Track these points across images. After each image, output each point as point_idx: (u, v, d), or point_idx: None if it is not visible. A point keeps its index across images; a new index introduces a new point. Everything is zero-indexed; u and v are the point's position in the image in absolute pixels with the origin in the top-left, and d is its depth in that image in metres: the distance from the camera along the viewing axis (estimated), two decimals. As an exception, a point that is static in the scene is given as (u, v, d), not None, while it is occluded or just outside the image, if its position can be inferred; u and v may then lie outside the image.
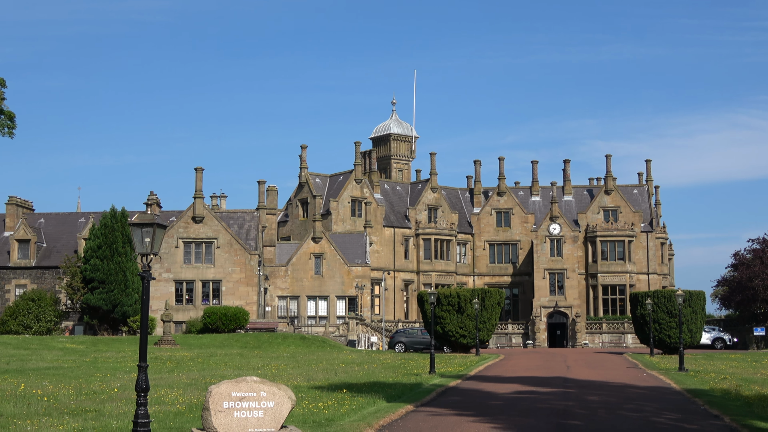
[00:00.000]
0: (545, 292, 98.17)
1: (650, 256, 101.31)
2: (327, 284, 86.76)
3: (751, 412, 26.06)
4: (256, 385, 17.25)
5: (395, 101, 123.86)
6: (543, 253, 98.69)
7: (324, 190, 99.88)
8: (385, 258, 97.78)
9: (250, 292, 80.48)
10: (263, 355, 53.81)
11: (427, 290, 69.32)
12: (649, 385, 36.46)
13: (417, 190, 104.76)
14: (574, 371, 44.72)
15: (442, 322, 64.94)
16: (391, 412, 24.96)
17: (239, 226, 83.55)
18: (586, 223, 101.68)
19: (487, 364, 50.49)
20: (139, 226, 17.46)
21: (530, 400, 29.71)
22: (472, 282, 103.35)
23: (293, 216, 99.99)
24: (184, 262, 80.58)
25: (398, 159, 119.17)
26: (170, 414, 23.70)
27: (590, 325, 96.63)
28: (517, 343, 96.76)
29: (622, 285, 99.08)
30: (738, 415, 25.39)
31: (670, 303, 64.14)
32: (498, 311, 67.93)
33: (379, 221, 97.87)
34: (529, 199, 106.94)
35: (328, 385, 32.58)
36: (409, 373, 40.31)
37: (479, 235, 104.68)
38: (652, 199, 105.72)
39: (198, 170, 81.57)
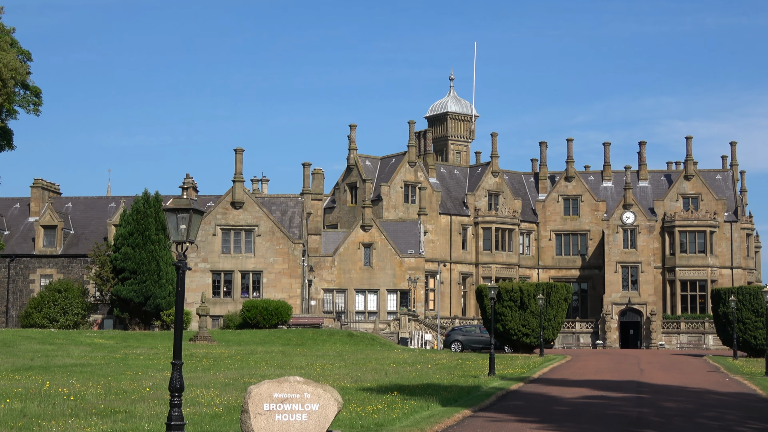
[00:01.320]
0: (617, 287, 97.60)
1: (734, 249, 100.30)
2: (377, 276, 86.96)
3: None
4: (300, 386, 17.35)
5: (453, 77, 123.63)
6: (615, 245, 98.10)
7: (374, 173, 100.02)
8: (441, 248, 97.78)
9: (293, 284, 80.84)
10: (307, 353, 54.05)
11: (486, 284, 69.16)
12: (732, 391, 36.15)
13: (476, 174, 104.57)
14: (648, 375, 44.47)
15: (502, 320, 64.86)
16: (447, 417, 24.97)
17: (282, 212, 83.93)
18: (663, 211, 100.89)
19: (552, 365, 50.35)
20: (174, 211, 17.58)
21: (599, 406, 29.59)
22: (536, 275, 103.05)
23: (341, 202, 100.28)
24: (222, 251, 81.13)
25: (456, 140, 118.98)
26: (206, 416, 23.89)
27: (667, 325, 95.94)
28: (585, 343, 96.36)
29: (702, 280, 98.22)
30: (831, 425, 25.10)
31: (756, 300, 63.55)
32: (564, 308, 67.68)
33: (434, 208, 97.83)
34: (600, 185, 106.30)
35: (378, 387, 32.68)
36: (466, 374, 40.33)
37: (544, 224, 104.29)
38: (737, 185, 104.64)
39: (238, 151, 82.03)
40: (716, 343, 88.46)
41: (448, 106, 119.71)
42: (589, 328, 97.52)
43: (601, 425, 24.66)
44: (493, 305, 44.78)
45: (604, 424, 24.97)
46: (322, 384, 17.75)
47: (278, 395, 17.22)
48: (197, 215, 17.66)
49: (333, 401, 17.43)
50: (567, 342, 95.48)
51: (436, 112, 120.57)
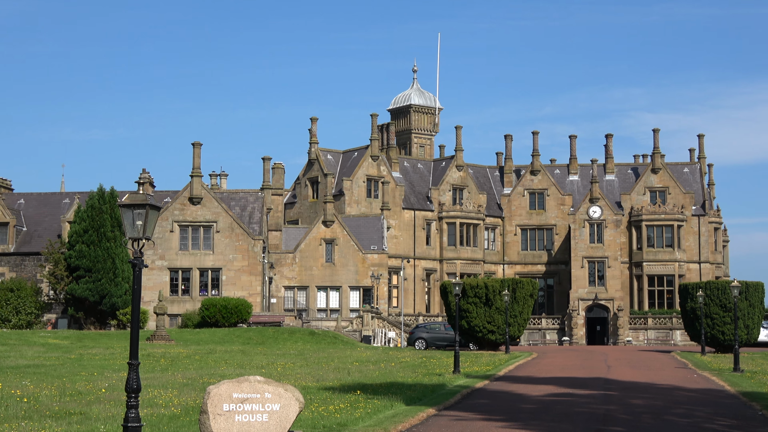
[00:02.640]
0: (584, 282, 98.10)
1: (702, 243, 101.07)
2: (339, 273, 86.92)
3: (815, 418, 25.99)
4: (260, 386, 17.30)
5: (416, 69, 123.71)
6: (581, 239, 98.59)
7: (336, 168, 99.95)
8: (405, 244, 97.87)
9: (253, 281, 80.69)
10: (268, 352, 53.97)
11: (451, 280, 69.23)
12: (700, 387, 36.42)
13: (440, 168, 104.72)
14: (615, 371, 44.72)
15: (467, 316, 64.98)
16: (411, 417, 25.00)
17: (241, 208, 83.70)
18: (631, 205, 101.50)
19: (518, 363, 50.54)
20: (129, 207, 17.49)
21: (566, 403, 29.71)
22: (501, 271, 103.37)
23: (302, 197, 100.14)
24: (179, 248, 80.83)
25: (420, 133, 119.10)
26: (164, 417, 23.80)
27: (634, 320, 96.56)
28: (551, 339, 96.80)
29: (670, 275, 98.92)
30: (800, 421, 25.34)
31: (724, 295, 64.02)
32: (530, 304, 67.90)
33: (397, 203, 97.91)
34: (567, 179, 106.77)
35: (341, 386, 32.67)
36: (430, 372, 40.39)
37: (510, 218, 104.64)
38: (704, 178, 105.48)
39: (196, 146, 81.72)
40: (684, 338, 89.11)
41: (411, 98, 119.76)
42: (556, 325, 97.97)
43: (569, 423, 24.76)
44: (457, 302, 44.84)
45: (572, 422, 25.07)
46: (283, 383, 17.71)
47: (238, 395, 17.17)
48: (154, 211, 17.58)
49: (294, 401, 17.40)
50: (533, 339, 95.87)
51: (399, 105, 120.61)
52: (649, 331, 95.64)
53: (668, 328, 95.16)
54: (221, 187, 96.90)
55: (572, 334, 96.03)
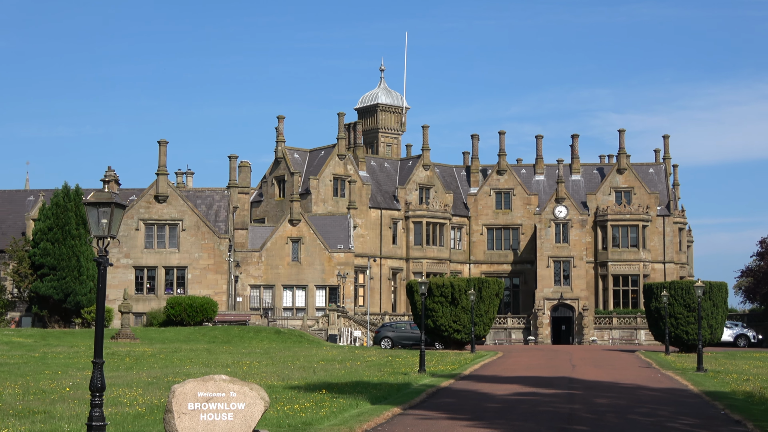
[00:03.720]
0: (549, 282, 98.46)
1: (667, 243, 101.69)
2: (305, 272, 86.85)
3: (776, 417, 26.22)
4: (225, 385, 17.28)
5: (384, 68, 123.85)
6: (547, 239, 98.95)
7: (303, 166, 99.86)
8: (371, 243, 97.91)
9: (219, 280, 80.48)
10: (233, 350, 53.89)
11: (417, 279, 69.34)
12: (664, 386, 36.66)
13: (407, 167, 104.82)
14: (580, 371, 44.94)
15: (433, 315, 65.09)
16: (376, 416, 25.04)
17: (207, 206, 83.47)
18: (596, 205, 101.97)
19: (484, 362, 50.68)
20: (94, 205, 17.42)
21: (531, 402, 29.84)
22: (467, 270, 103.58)
23: (268, 195, 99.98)
24: (145, 246, 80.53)
25: (386, 132, 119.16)
26: (129, 416, 23.73)
27: (599, 320, 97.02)
28: (517, 338, 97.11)
29: (635, 275, 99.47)
30: (762, 420, 25.54)
31: (688, 295, 64.42)
32: (496, 303, 68.11)
33: (364, 202, 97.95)
34: (533, 179, 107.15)
35: (306, 385, 32.66)
36: (396, 371, 40.44)
37: (476, 218, 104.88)
38: (669, 179, 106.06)
39: (161, 143, 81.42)
40: (648, 338, 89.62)
41: (378, 97, 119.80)
42: (521, 324, 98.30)
43: (533, 422, 24.88)
44: (423, 301, 44.91)
45: (536, 420, 25.19)
46: (249, 382, 17.71)
47: (203, 394, 17.14)
48: (119, 209, 17.53)
49: (259, 400, 17.39)
50: (499, 338, 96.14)
51: (366, 104, 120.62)
52: (614, 331, 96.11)
53: (633, 327, 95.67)
54: (187, 186, 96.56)
55: (537, 334, 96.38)
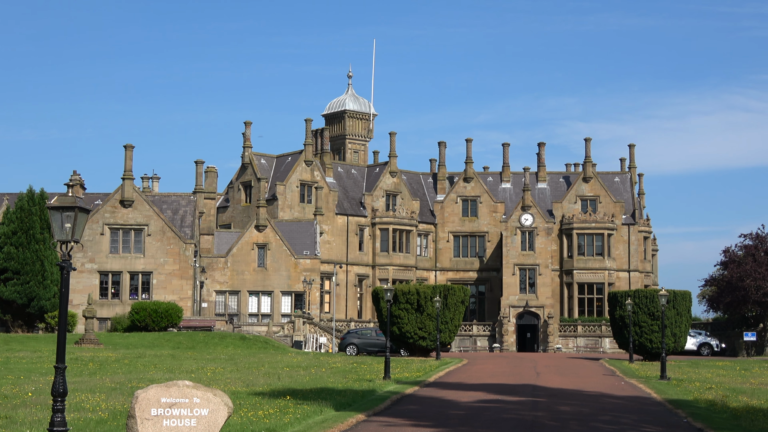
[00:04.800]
0: (515, 290, 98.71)
1: (632, 252, 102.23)
2: (271, 278, 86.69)
3: (738, 425, 26.42)
4: (189, 391, 17.24)
5: (351, 74, 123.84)
6: (513, 247, 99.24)
7: (270, 172, 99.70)
8: (337, 249, 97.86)
9: (184, 285, 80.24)
10: (198, 356, 53.72)
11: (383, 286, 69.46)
12: (627, 394, 36.84)
13: (374, 174, 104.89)
14: (544, 378, 45.08)
15: (399, 322, 65.12)
16: (340, 422, 25.05)
17: (173, 211, 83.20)
18: (562, 213, 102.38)
19: (449, 369, 50.74)
20: (58, 209, 17.36)
21: (495, 410, 29.91)
22: (433, 277, 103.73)
23: (234, 201, 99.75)
24: (110, 251, 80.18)
25: (354, 139, 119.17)
26: (91, 422, 23.61)
27: (564, 328, 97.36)
28: (482, 346, 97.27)
29: (600, 283, 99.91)
30: (724, 428, 25.74)
31: (653, 304, 64.76)
32: (462, 311, 68.24)
33: (331, 208, 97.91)
34: (499, 186, 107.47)
35: (270, 391, 32.61)
36: (361, 378, 40.43)
37: (443, 225, 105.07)
38: (635, 188, 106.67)
39: (127, 148, 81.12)
40: (613, 346, 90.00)
41: (346, 104, 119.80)
42: (487, 331, 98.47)
43: (497, 429, 24.94)
44: (389, 308, 44.95)
45: (500, 428, 25.25)
46: (213, 388, 17.67)
47: (166, 400, 17.09)
48: (83, 213, 17.47)
49: (223, 406, 17.36)
50: (464, 345, 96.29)
51: (333, 110, 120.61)
52: (579, 339, 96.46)
53: (597, 335, 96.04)
54: (153, 190, 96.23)
55: (503, 341, 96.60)
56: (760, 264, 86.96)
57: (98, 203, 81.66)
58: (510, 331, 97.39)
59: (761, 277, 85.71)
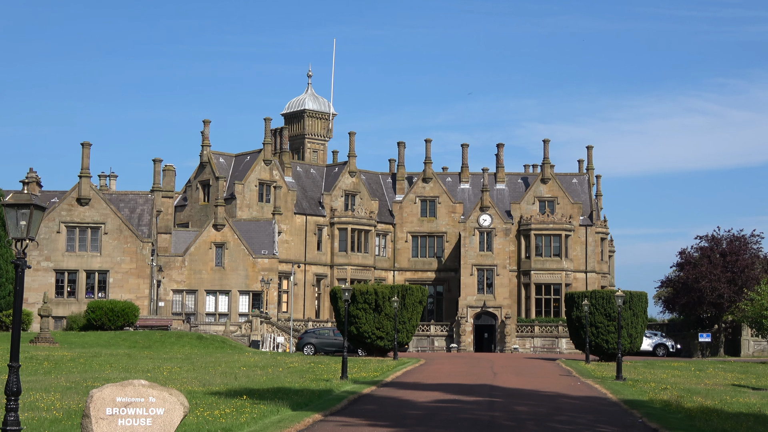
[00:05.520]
0: (472, 290, 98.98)
1: (589, 253, 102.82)
2: (229, 277, 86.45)
3: (692, 425, 26.64)
4: (145, 390, 17.16)
5: (311, 74, 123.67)
6: (471, 247, 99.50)
7: (228, 171, 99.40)
8: (296, 249, 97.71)
9: (141, 284, 79.85)
10: (154, 356, 53.50)
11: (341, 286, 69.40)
12: (584, 394, 37.03)
13: (333, 173, 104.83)
14: (501, 378, 45.23)
15: (356, 322, 65.13)
16: (296, 422, 25.02)
17: (131, 210, 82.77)
18: (520, 214, 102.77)
19: (406, 369, 50.81)
20: (13, 207, 17.22)
21: (452, 410, 29.97)
22: (391, 277, 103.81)
23: (192, 200, 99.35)
24: (66, 249, 79.64)
25: (313, 139, 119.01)
26: (45, 421, 23.44)
27: (521, 328, 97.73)
28: (439, 346, 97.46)
29: (557, 284, 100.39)
30: (678, 428, 25.95)
31: (609, 305, 65.11)
32: (419, 311, 68.33)
33: (289, 208, 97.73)
34: (458, 187, 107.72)
35: (227, 391, 32.52)
36: (318, 378, 40.42)
37: (401, 225, 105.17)
38: (592, 189, 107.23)
39: (85, 146, 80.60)
40: (570, 346, 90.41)
41: (305, 103, 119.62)
42: (444, 331, 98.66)
43: (454, 429, 24.99)
44: (347, 307, 44.96)
45: (457, 428, 25.31)
46: (169, 388, 17.59)
47: (122, 399, 17.00)
48: (38, 211, 17.34)
49: (179, 405, 17.29)
50: (422, 345, 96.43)
51: (293, 110, 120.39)
52: (536, 339, 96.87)
53: (554, 336, 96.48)
54: (110, 189, 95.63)
55: (460, 341, 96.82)
56: (716, 266, 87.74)
57: (55, 201, 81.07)
58: (467, 331, 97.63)
59: (716, 278, 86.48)
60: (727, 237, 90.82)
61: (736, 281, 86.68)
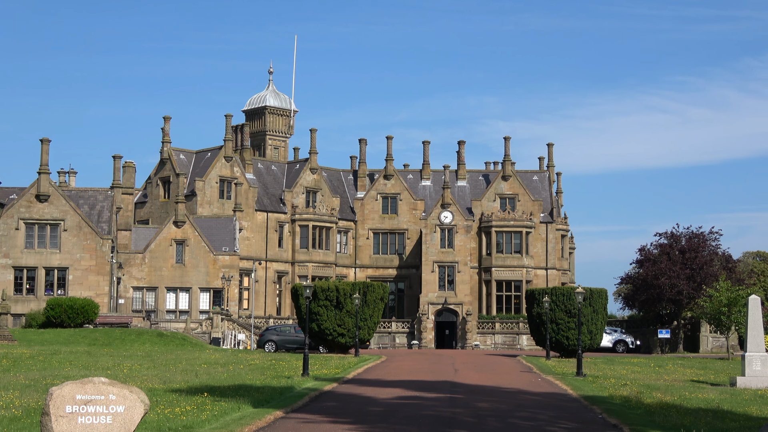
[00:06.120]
0: (434, 287, 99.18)
1: (549, 250, 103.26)
2: (190, 274, 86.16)
3: (652, 421, 26.83)
4: (105, 387, 17.08)
5: (272, 70, 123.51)
6: (432, 244, 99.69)
7: (189, 168, 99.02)
8: (257, 246, 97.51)
9: (101, 281, 79.42)
10: (114, 353, 53.27)
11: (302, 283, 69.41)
12: (544, 391, 37.21)
13: (294, 170, 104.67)
14: (462, 375, 45.36)
15: (318, 319, 65.13)
16: (257, 419, 24.99)
17: (90, 206, 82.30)
18: (481, 211, 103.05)
19: (368, 366, 50.88)
20: (-29, 203, 17.10)
21: (414, 406, 30.03)
22: (353, 274, 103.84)
23: (153, 197, 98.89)
24: (25, 246, 79.08)
25: (274, 135, 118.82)
26: (4, 419, 23.28)
27: (482, 325, 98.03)
28: (401, 343, 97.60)
29: (518, 281, 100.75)
30: (638, 424, 26.12)
31: (569, 301, 65.50)
32: (381, 307, 68.44)
33: (250, 204, 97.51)
34: (419, 184, 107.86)
35: (188, 388, 32.45)
36: (279, 375, 40.41)
37: (363, 222, 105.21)
38: (553, 186, 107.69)
39: (44, 142, 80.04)
40: (530, 343, 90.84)
41: (266, 100, 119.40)
42: (406, 328, 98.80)
43: (415, 426, 25.05)
44: (308, 304, 44.95)
45: (418, 424, 25.36)
46: (129, 385, 17.52)
47: (81, 397, 16.91)
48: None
49: (139, 403, 17.22)
50: (383, 342, 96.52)
51: (254, 106, 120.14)
52: (497, 336, 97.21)
53: (515, 332, 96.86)
54: (70, 185, 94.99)
55: (422, 338, 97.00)
56: (675, 262, 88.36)
57: (13, 197, 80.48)
58: (429, 328, 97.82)
59: (675, 275, 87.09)
60: (686, 234, 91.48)
61: (695, 278, 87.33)
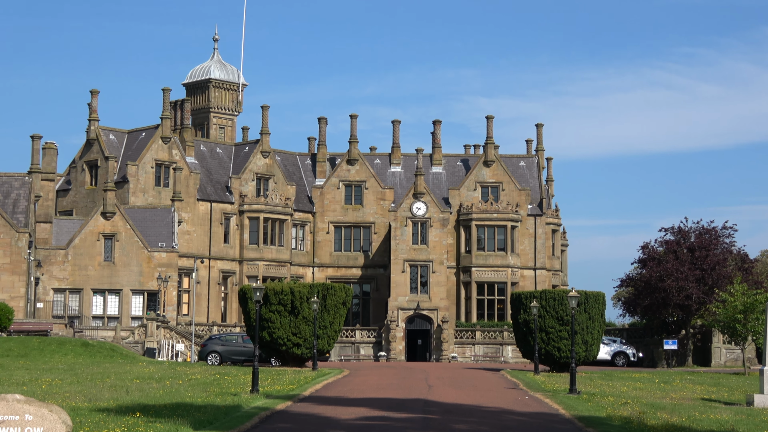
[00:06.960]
0: (404, 289, 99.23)
1: (538, 247, 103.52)
2: (120, 274, 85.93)
3: (656, 446, 26.91)
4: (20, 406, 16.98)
5: (218, 37, 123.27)
6: (403, 240, 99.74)
7: (120, 150, 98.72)
8: (199, 241, 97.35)
9: (15, 282, 79.10)
10: (31, 366, 53.06)
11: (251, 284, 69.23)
12: (532, 410, 37.27)
13: (243, 153, 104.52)
14: (437, 392, 45.38)
15: (270, 327, 65.03)
16: (199, 443, 24.92)
17: (4, 194, 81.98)
18: (460, 202, 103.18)
19: (327, 381, 50.84)
20: None
21: (381, 428, 30.03)
22: (311, 275, 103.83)
23: (77, 183, 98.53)
24: (-73, 240, 78.74)
25: (220, 113, 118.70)
26: None
27: (460, 334, 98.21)
28: (366, 354, 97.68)
29: (502, 283, 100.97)
30: (640, 449, 26.20)
31: (561, 307, 65.61)
32: (343, 313, 68.41)
33: (191, 193, 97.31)
34: (388, 170, 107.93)
35: (117, 407, 32.34)
36: (224, 392, 40.33)
37: (322, 214, 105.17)
38: (542, 174, 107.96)
39: (-51, 118, 79.64)
40: (516, 355, 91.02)
41: (211, 71, 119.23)
42: (372, 338, 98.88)
43: (382, 451, 25.04)
44: (258, 309, 44.82)
45: (385, 449, 25.36)
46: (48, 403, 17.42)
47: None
48: None
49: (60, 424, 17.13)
50: (345, 353, 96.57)
51: (196, 79, 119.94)
52: (477, 347, 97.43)
53: (499, 342, 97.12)
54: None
55: (390, 349, 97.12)
56: (683, 262, 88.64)
57: None
58: (398, 337, 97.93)
59: (683, 277, 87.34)
60: (695, 229, 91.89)
61: (706, 280, 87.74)
